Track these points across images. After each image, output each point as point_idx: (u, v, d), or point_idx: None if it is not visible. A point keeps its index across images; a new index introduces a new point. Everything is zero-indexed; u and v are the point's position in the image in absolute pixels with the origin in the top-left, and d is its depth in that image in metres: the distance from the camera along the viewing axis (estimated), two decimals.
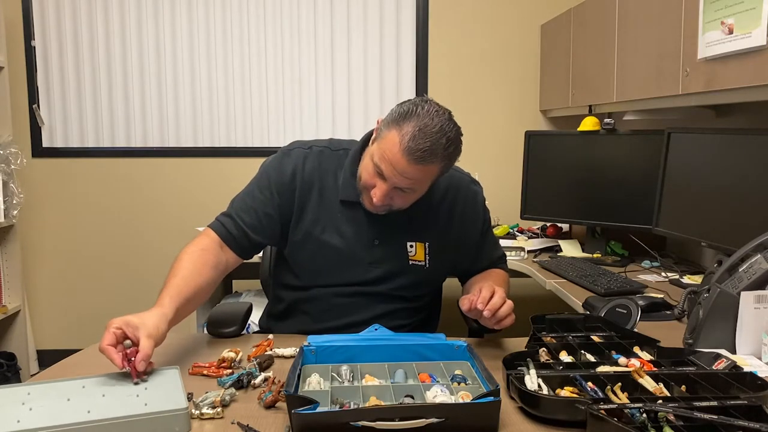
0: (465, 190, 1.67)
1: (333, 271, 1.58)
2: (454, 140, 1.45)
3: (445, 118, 1.46)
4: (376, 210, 1.51)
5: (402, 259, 1.59)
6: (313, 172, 1.58)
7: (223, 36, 3.34)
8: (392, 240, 1.58)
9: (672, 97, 1.99)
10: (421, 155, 1.38)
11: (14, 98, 3.19)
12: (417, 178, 1.42)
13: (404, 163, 1.38)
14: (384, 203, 1.46)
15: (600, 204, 2.56)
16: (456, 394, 1.11)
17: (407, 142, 1.38)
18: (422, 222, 1.60)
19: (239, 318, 1.61)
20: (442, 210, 1.62)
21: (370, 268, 1.58)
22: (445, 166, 1.46)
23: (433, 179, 1.48)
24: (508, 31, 3.39)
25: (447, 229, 1.62)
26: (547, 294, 2.24)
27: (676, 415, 0.97)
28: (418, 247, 1.60)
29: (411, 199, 1.49)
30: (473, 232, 1.67)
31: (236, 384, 1.20)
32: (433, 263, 1.61)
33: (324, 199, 1.58)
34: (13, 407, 1.07)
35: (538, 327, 1.43)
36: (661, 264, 2.35)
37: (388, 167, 1.41)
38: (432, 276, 1.64)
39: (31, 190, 3.30)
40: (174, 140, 3.39)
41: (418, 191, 1.48)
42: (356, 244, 1.57)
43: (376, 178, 1.45)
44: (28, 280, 3.39)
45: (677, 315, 1.69)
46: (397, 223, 1.57)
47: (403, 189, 1.44)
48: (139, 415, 1.02)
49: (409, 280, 1.60)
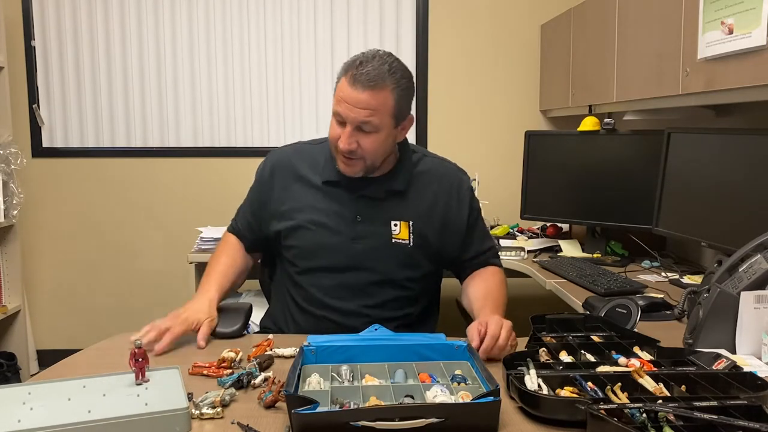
0: (451, 176, 1.71)
1: (318, 248, 1.63)
2: (399, 69, 1.53)
3: (386, 54, 1.55)
4: (351, 167, 1.57)
5: (385, 237, 1.63)
6: (294, 163, 1.69)
7: (223, 36, 3.34)
8: (375, 218, 1.63)
9: (672, 97, 1.99)
10: (368, 79, 1.47)
11: (14, 98, 3.19)
12: (371, 106, 1.48)
13: (355, 93, 1.47)
14: (350, 146, 1.51)
15: (600, 204, 2.56)
16: (456, 394, 1.11)
17: (352, 73, 1.49)
18: (405, 202, 1.64)
19: (240, 318, 1.61)
20: (426, 193, 1.67)
21: (353, 245, 1.61)
22: (399, 97, 1.52)
23: (392, 111, 1.52)
24: (508, 31, 3.39)
25: (431, 210, 1.66)
26: (547, 294, 2.24)
27: (676, 415, 0.98)
28: (402, 225, 1.64)
29: (377, 141, 1.52)
30: (458, 217, 1.69)
31: (236, 384, 1.20)
32: (417, 242, 1.64)
33: (305, 186, 1.66)
34: (13, 407, 1.07)
35: (538, 327, 1.43)
36: (661, 264, 2.35)
37: (343, 105, 1.49)
38: (417, 256, 1.65)
39: (31, 190, 3.30)
40: (174, 140, 3.39)
41: (381, 128, 1.51)
42: (338, 219, 1.62)
43: (338, 128, 1.53)
44: (28, 280, 3.39)
45: (677, 315, 1.69)
46: (379, 202, 1.63)
47: (363, 127, 1.50)
48: (140, 415, 1.02)
49: (393, 259, 1.63)
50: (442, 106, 3.41)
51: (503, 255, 2.58)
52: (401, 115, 1.56)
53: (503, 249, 2.61)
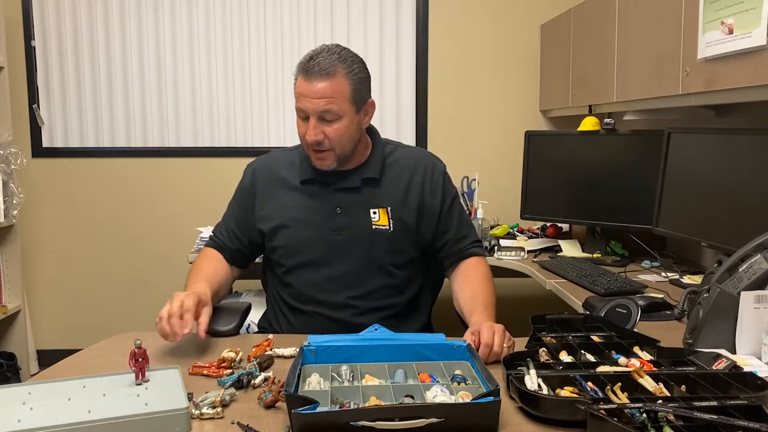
0: (424, 163, 1.76)
1: (302, 245, 1.67)
2: (349, 56, 1.58)
3: (334, 45, 1.60)
4: (322, 161, 1.61)
5: (366, 225, 1.67)
6: (271, 169, 1.74)
7: (223, 36, 3.34)
8: (353, 207, 1.67)
9: (672, 97, 1.99)
10: (320, 69, 1.53)
11: (14, 98, 3.19)
12: (328, 94, 1.53)
13: (310, 85, 1.53)
14: (317, 137, 1.56)
15: (600, 204, 2.56)
16: (456, 394, 1.11)
17: (305, 68, 1.55)
18: (381, 190, 1.69)
19: (237, 316, 1.61)
20: (401, 180, 1.72)
21: (336, 236, 1.66)
22: (354, 82, 1.57)
23: (350, 96, 1.56)
24: (508, 31, 3.39)
25: (406, 195, 1.70)
26: (547, 294, 2.24)
27: (676, 415, 0.98)
28: (381, 212, 1.68)
29: (341, 128, 1.57)
30: (434, 200, 1.73)
31: (236, 384, 1.20)
32: (397, 227, 1.68)
33: (285, 188, 1.71)
34: (13, 407, 1.07)
35: (538, 327, 1.43)
36: (661, 264, 2.35)
37: (302, 100, 1.55)
38: (399, 241, 1.69)
39: (31, 190, 3.30)
40: (174, 140, 3.39)
41: (342, 114, 1.56)
42: (319, 214, 1.67)
43: (303, 124, 1.58)
44: (28, 280, 3.39)
45: (677, 315, 1.69)
46: (356, 192, 1.68)
47: (325, 116, 1.55)
48: (140, 415, 1.03)
49: (376, 246, 1.66)
50: (442, 106, 3.41)
51: (503, 255, 2.58)
52: (361, 99, 1.60)
53: (503, 249, 2.62)
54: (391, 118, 3.39)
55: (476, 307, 1.58)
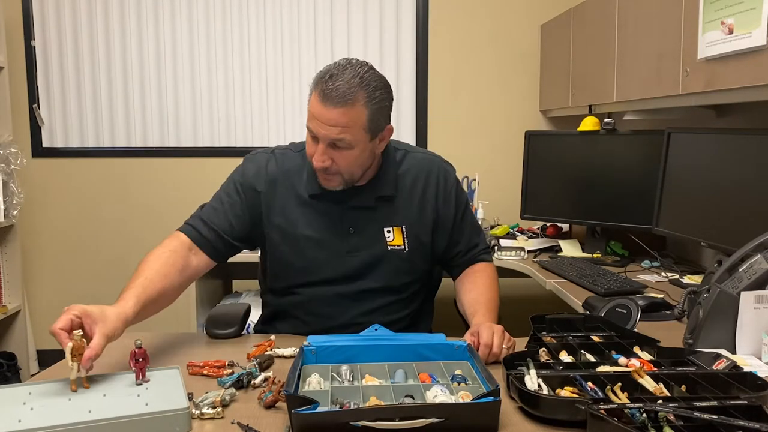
0: (436, 170, 1.67)
1: (313, 265, 1.59)
2: (373, 80, 1.45)
3: (359, 64, 1.46)
4: (328, 182, 1.52)
5: (380, 245, 1.59)
6: (276, 173, 1.61)
7: (223, 36, 3.34)
8: (367, 227, 1.59)
9: (672, 97, 1.99)
10: (338, 95, 1.40)
11: (14, 98, 3.19)
12: (342, 123, 1.42)
13: (325, 110, 1.41)
14: (324, 163, 1.46)
15: (600, 204, 2.56)
16: (456, 394, 1.11)
17: (322, 89, 1.42)
18: (396, 207, 1.61)
19: (238, 319, 1.61)
20: (415, 193, 1.63)
21: (349, 258, 1.58)
22: (372, 111, 1.45)
23: (366, 126, 1.45)
24: (508, 32, 3.39)
25: (422, 210, 1.63)
26: (547, 294, 2.24)
27: (676, 415, 0.98)
28: (396, 231, 1.60)
29: (351, 157, 1.47)
30: (447, 210, 1.66)
31: (236, 384, 1.20)
32: (413, 246, 1.61)
33: (292, 197, 1.59)
34: (14, 407, 1.07)
35: (538, 327, 1.43)
36: (661, 264, 2.35)
37: (315, 122, 1.44)
38: (414, 261, 1.63)
39: (31, 190, 3.30)
40: (174, 140, 3.39)
41: (354, 144, 1.45)
42: (331, 234, 1.58)
43: (312, 145, 1.48)
44: (28, 280, 3.39)
45: (677, 315, 1.69)
46: (370, 211, 1.59)
47: (336, 143, 1.44)
48: (140, 415, 1.03)
49: (390, 267, 1.60)
50: (442, 106, 3.41)
51: (503, 255, 2.58)
52: (377, 128, 1.49)
53: (503, 249, 2.61)
54: (392, 117, 3.38)
55: (479, 309, 1.55)
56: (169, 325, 3.57)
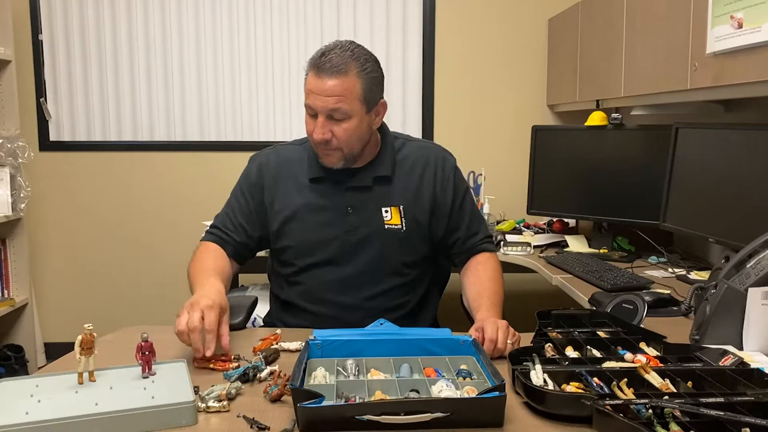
0: (435, 157, 1.72)
1: (314, 245, 1.64)
2: (363, 55, 1.54)
3: (347, 42, 1.57)
4: (329, 158, 1.58)
5: (378, 224, 1.64)
6: (278, 165, 1.69)
7: (230, 30, 3.34)
8: (366, 207, 1.64)
9: (680, 92, 1.98)
10: (331, 66, 1.49)
11: (21, 92, 3.20)
12: (338, 92, 1.49)
13: (321, 82, 1.50)
14: (324, 136, 1.52)
15: (607, 199, 2.56)
16: (461, 389, 1.11)
17: (316, 63, 1.52)
18: (393, 188, 1.66)
19: (243, 310, 1.62)
20: (413, 177, 1.68)
21: (348, 236, 1.63)
22: (366, 82, 1.53)
23: (361, 96, 1.52)
24: (516, 26, 3.37)
25: (419, 193, 1.68)
26: (554, 289, 2.23)
27: (683, 411, 0.97)
28: (393, 211, 1.65)
29: (350, 128, 1.53)
30: (445, 196, 1.70)
31: (242, 377, 1.21)
32: (410, 226, 1.65)
33: (293, 185, 1.67)
34: (22, 399, 1.08)
35: (543, 322, 1.43)
36: (668, 260, 2.34)
37: (312, 97, 1.51)
38: (412, 240, 1.66)
39: (38, 183, 3.31)
40: (180, 134, 3.40)
41: (352, 114, 1.52)
42: (331, 214, 1.64)
43: (311, 122, 1.55)
44: (35, 273, 3.40)
45: (684, 311, 1.68)
46: (367, 191, 1.64)
47: (334, 115, 1.51)
48: (146, 408, 1.03)
49: (389, 245, 1.64)
50: (449, 100, 3.40)
51: (510, 250, 2.58)
52: (372, 100, 1.57)
53: (509, 244, 2.61)
54: (398, 112, 3.38)
55: (482, 304, 1.56)
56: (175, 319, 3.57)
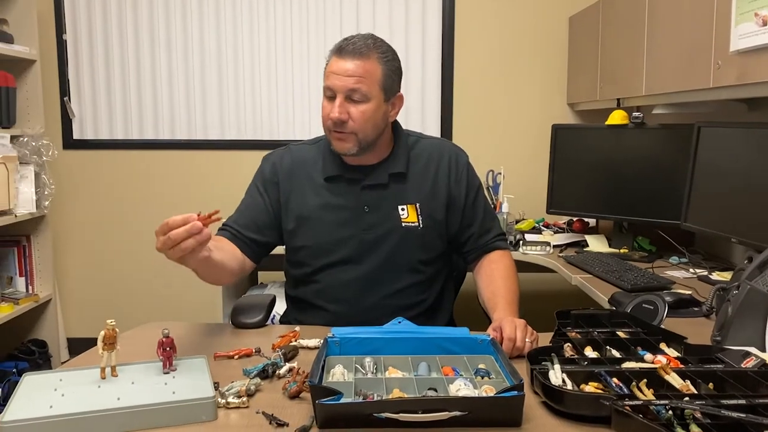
0: (448, 153, 1.73)
1: (331, 245, 1.64)
2: (384, 45, 1.59)
3: (371, 34, 1.60)
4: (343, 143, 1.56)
5: (395, 222, 1.64)
6: (292, 164, 1.69)
7: (250, 29, 3.36)
8: (382, 205, 1.64)
9: (703, 90, 1.96)
10: (354, 49, 1.53)
11: (46, 91, 3.25)
12: (359, 73, 1.52)
13: (342, 62, 1.53)
14: (341, 115, 1.52)
15: (627, 199, 2.53)
16: (479, 388, 1.11)
17: (339, 48, 1.55)
18: (409, 185, 1.66)
19: (263, 309, 1.63)
20: (428, 173, 1.69)
21: (365, 235, 1.63)
22: (386, 69, 1.56)
23: (380, 81, 1.55)
24: (536, 24, 3.36)
25: (435, 189, 1.68)
26: (573, 289, 2.22)
27: (704, 413, 0.96)
28: (410, 209, 1.65)
29: (367, 112, 1.54)
30: (459, 190, 1.70)
31: (261, 374, 1.22)
32: (427, 223, 1.65)
33: (308, 185, 1.67)
34: (46, 393, 1.10)
35: (562, 322, 1.42)
36: (689, 260, 2.31)
37: (333, 77, 1.53)
38: (428, 237, 1.66)
39: (62, 181, 3.36)
40: (201, 133, 3.43)
41: (370, 97, 1.54)
42: (347, 213, 1.64)
43: (328, 104, 1.56)
44: (59, 270, 3.45)
45: (705, 312, 1.67)
46: (383, 188, 1.64)
47: (353, 96, 1.53)
48: (167, 403, 1.05)
49: (405, 243, 1.64)
50: (468, 98, 3.39)
51: (529, 250, 2.57)
52: (390, 89, 1.58)
53: (529, 243, 2.60)
54: (417, 110, 3.38)
55: (499, 303, 1.56)
56: (196, 316, 3.63)
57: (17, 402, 1.06)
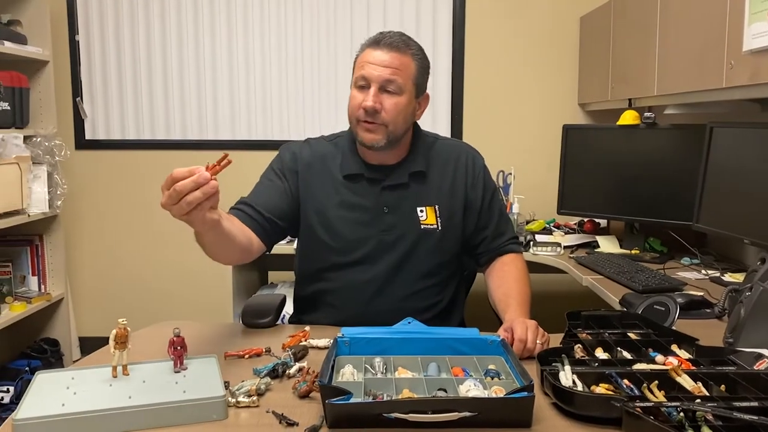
0: (465, 155, 1.73)
1: (348, 245, 1.62)
2: (415, 43, 1.61)
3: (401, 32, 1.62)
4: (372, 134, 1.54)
5: (414, 224, 1.63)
6: (311, 157, 1.68)
7: (261, 30, 3.37)
8: (401, 207, 1.63)
9: (715, 90, 1.94)
10: (390, 42, 1.54)
11: (58, 92, 3.27)
12: (395, 65, 1.53)
13: (379, 53, 1.53)
14: (374, 104, 1.52)
15: (639, 199, 2.52)
16: (489, 389, 1.11)
17: (375, 40, 1.56)
18: (428, 187, 1.66)
19: (273, 309, 1.63)
20: (446, 175, 1.68)
21: (383, 236, 1.62)
22: (418, 66, 1.58)
23: (413, 77, 1.56)
24: (547, 23, 3.34)
25: (453, 191, 1.67)
26: (584, 290, 2.21)
27: (716, 415, 0.96)
28: (429, 211, 1.65)
29: (400, 104, 1.54)
30: (475, 193, 1.70)
31: (271, 373, 1.22)
32: (445, 226, 1.65)
33: (328, 180, 1.65)
34: (58, 391, 1.11)
35: (573, 323, 1.41)
36: (701, 261, 2.30)
37: (369, 67, 1.53)
38: (446, 240, 1.66)
39: (74, 181, 3.38)
40: (212, 133, 3.44)
41: (403, 90, 1.54)
42: (366, 214, 1.62)
43: (361, 93, 1.55)
44: (71, 269, 3.48)
45: (717, 313, 1.66)
46: (403, 189, 1.63)
47: (387, 87, 1.53)
48: (178, 402, 1.05)
49: (423, 246, 1.63)
50: (479, 98, 3.39)
51: (539, 250, 2.56)
52: (421, 86, 1.60)
53: (539, 244, 2.59)
54: (427, 110, 3.36)
55: (510, 304, 1.55)
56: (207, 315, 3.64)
57: (30, 400, 1.07)
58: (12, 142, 2.76)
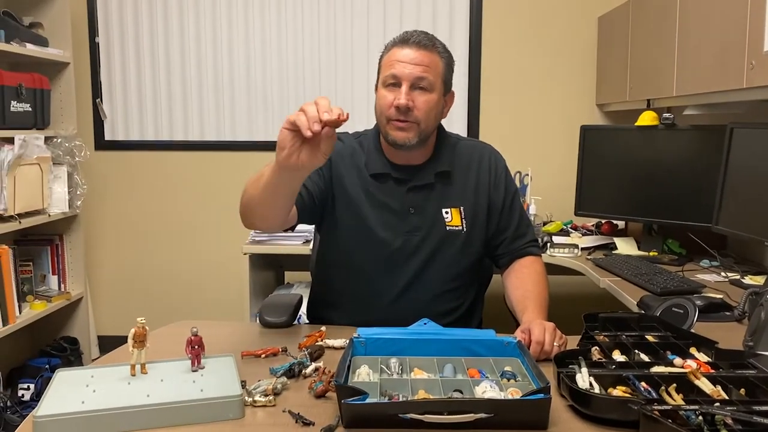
0: (488, 155, 1.72)
1: (373, 245, 1.61)
2: (441, 42, 1.59)
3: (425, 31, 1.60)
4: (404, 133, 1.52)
5: (439, 225, 1.62)
6: (343, 149, 1.65)
7: (278, 29, 3.39)
8: (426, 208, 1.62)
9: (736, 91, 1.92)
10: (419, 41, 1.53)
11: (79, 93, 3.31)
12: (426, 63, 1.52)
13: (409, 51, 1.52)
14: (408, 102, 1.50)
15: (657, 201, 2.50)
16: (505, 391, 1.11)
17: (403, 38, 1.55)
18: (453, 188, 1.65)
19: (290, 309, 1.63)
20: (470, 176, 1.67)
21: (409, 237, 1.61)
22: (445, 65, 1.58)
23: (442, 74, 1.56)
24: (565, 24, 3.33)
25: (478, 192, 1.67)
26: (602, 292, 2.20)
27: (735, 419, 0.95)
28: (454, 212, 1.64)
29: (431, 101, 1.54)
30: (497, 195, 1.69)
31: (288, 373, 1.22)
32: (470, 227, 1.64)
33: (357, 175, 1.63)
34: (78, 388, 1.12)
35: (590, 325, 1.41)
36: (720, 263, 2.27)
37: (399, 66, 1.52)
38: (471, 242, 1.65)
39: (93, 181, 3.42)
40: (230, 134, 3.47)
41: (434, 88, 1.54)
42: (392, 214, 1.62)
43: (390, 94, 1.53)
44: (90, 268, 3.52)
45: (737, 316, 1.64)
46: (429, 190, 1.62)
47: (419, 84, 1.52)
48: (195, 401, 1.06)
49: (448, 247, 1.62)
50: (496, 98, 3.38)
51: (557, 252, 2.55)
52: (448, 84, 1.60)
53: (556, 246, 2.58)
54: None
55: (528, 306, 1.54)
56: (224, 315, 3.67)
57: (50, 397, 1.09)
58: (33, 143, 2.79)
